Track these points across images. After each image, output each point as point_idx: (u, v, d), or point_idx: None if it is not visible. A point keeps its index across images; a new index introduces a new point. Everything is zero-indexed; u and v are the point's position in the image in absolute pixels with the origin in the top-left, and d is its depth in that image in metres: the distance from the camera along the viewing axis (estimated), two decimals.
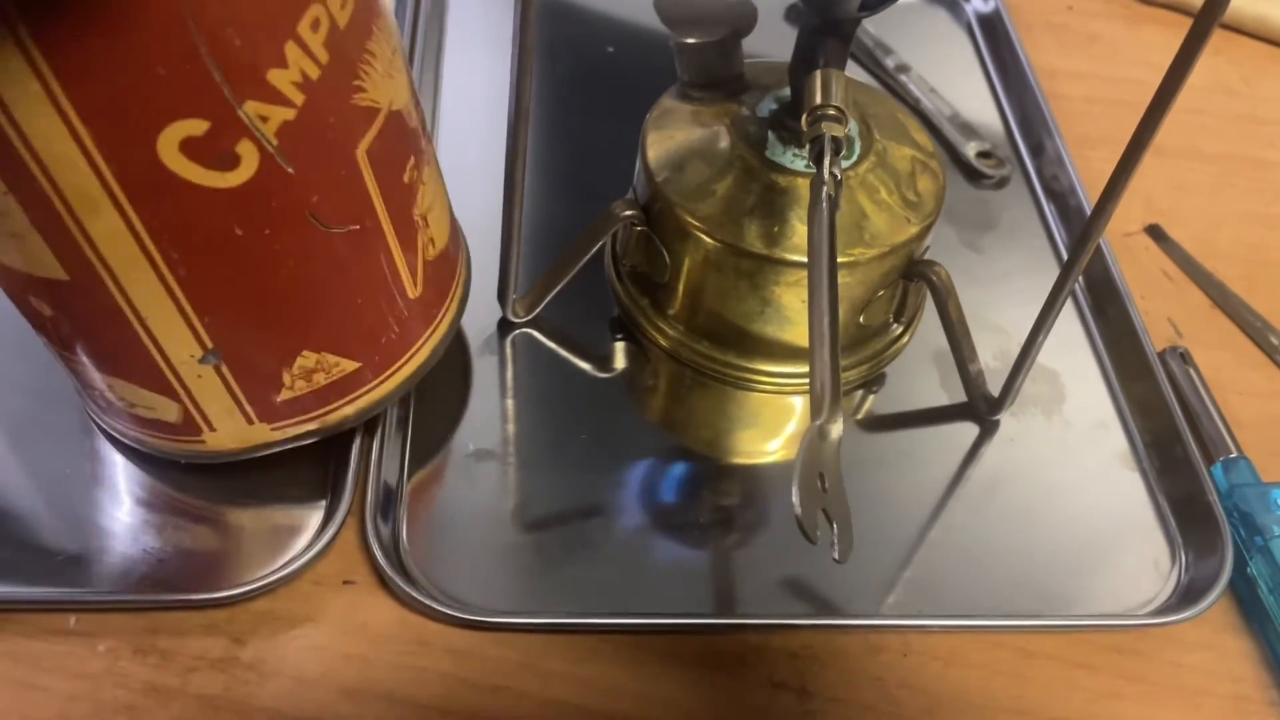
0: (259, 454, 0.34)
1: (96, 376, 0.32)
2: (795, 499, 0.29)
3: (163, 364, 0.31)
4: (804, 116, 0.36)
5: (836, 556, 0.30)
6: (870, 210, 0.39)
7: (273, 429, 0.34)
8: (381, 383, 0.35)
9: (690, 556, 0.38)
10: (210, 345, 0.30)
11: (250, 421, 0.33)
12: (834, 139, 0.35)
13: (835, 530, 0.30)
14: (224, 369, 0.31)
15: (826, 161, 0.34)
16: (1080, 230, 0.48)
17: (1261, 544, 0.37)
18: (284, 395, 0.33)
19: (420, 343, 0.35)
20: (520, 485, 0.39)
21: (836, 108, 0.35)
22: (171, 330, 0.30)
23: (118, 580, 0.34)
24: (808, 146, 0.36)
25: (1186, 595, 0.37)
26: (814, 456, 0.30)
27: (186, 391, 0.32)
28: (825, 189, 0.34)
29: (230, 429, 0.33)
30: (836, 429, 0.31)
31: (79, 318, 0.30)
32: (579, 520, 0.38)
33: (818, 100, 0.36)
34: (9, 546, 0.35)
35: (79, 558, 0.35)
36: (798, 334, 0.41)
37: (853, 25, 0.37)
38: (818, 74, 0.36)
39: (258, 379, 0.32)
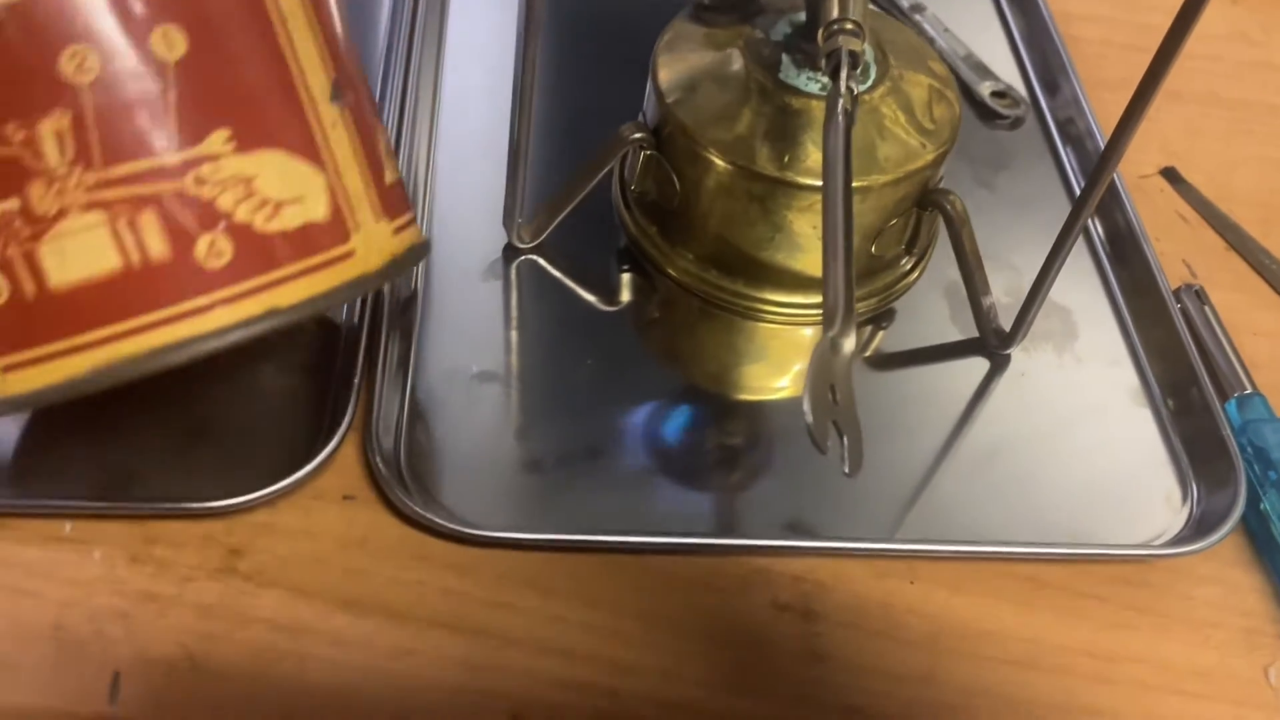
0: (387, 277, 0.32)
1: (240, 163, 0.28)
2: (806, 408, 0.29)
3: (307, 103, 0.28)
4: (820, 31, 0.35)
5: (846, 469, 0.30)
6: (885, 136, 0.38)
7: (394, 229, 0.31)
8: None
9: (694, 484, 0.37)
10: (334, 74, 0.28)
11: (376, 215, 0.31)
12: (851, 53, 0.34)
13: (845, 443, 0.30)
14: (349, 117, 0.29)
15: (843, 75, 0.34)
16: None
17: (1275, 479, 0.37)
18: (388, 177, 0.31)
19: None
20: (524, 409, 0.38)
21: (854, 21, 0.35)
22: (308, 49, 0.28)
23: (114, 488, 0.33)
24: (824, 61, 0.35)
25: (1198, 529, 0.37)
26: (825, 368, 0.30)
27: (329, 151, 0.29)
28: (841, 102, 0.33)
29: (368, 226, 0.31)
30: (849, 342, 0.31)
31: (217, 30, 0.27)
32: (583, 445, 0.38)
33: (834, 14, 0.35)
34: (3, 454, 0.34)
35: (73, 463, 0.34)
36: (808, 262, 0.40)
37: None
38: None
39: (369, 138, 0.30)
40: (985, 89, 0.51)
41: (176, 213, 0.27)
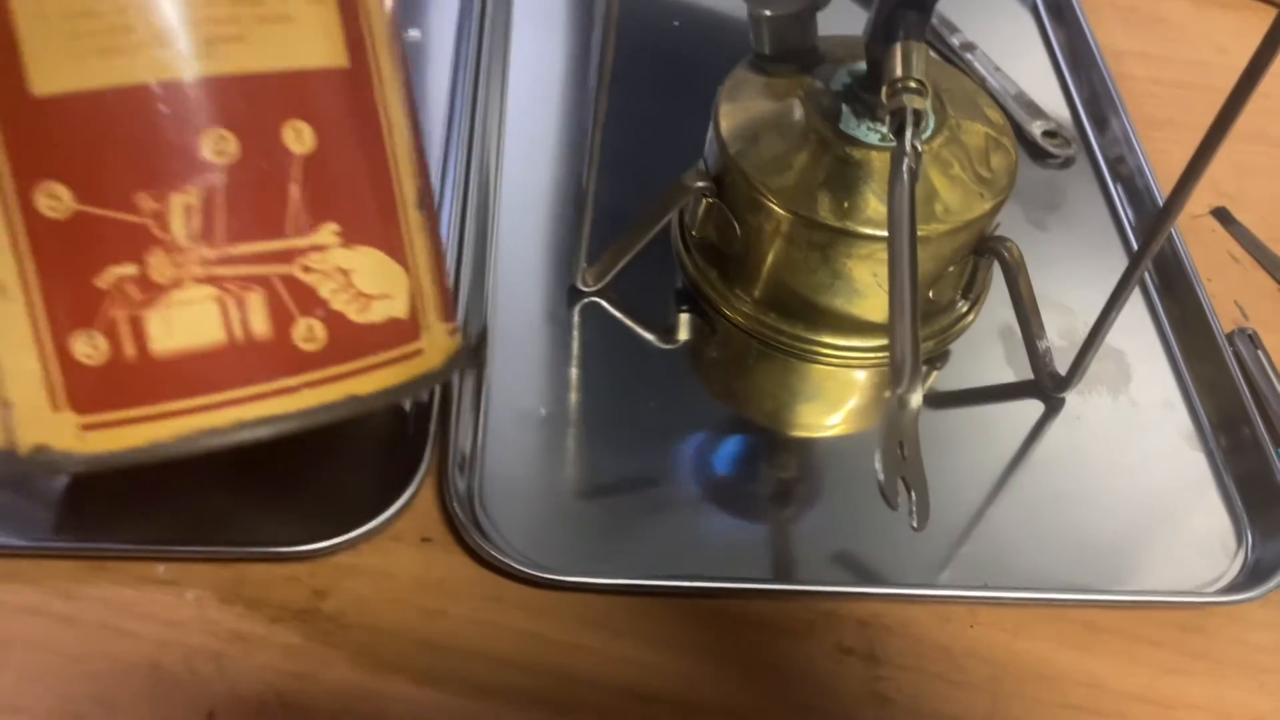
0: (444, 376, 0.33)
1: (341, 255, 0.30)
2: (878, 466, 0.30)
3: (400, 207, 0.30)
4: (884, 89, 0.36)
5: (914, 524, 0.31)
6: (944, 185, 0.39)
7: (448, 331, 0.33)
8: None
9: (757, 523, 0.38)
10: (420, 183, 0.30)
11: (439, 317, 0.32)
12: (915, 111, 0.35)
13: (913, 498, 0.31)
14: (427, 225, 0.31)
15: (908, 134, 0.35)
16: (1148, 213, 0.49)
17: None
18: (448, 283, 0.32)
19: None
20: (590, 450, 0.39)
21: (918, 80, 0.36)
22: (406, 158, 0.30)
23: (204, 531, 0.35)
24: (888, 119, 0.36)
25: (1253, 574, 0.37)
26: (894, 425, 0.31)
27: (413, 254, 0.31)
28: (906, 161, 0.34)
29: (434, 326, 0.32)
30: (916, 398, 0.32)
31: (341, 130, 0.29)
32: (647, 485, 0.39)
33: (898, 72, 0.36)
34: (100, 499, 0.35)
35: (164, 508, 0.35)
36: (866, 307, 0.41)
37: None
38: (898, 46, 0.36)
39: (438, 247, 0.32)
40: (1037, 128, 0.51)
41: (282, 295, 0.28)
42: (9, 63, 0.24)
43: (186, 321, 0.27)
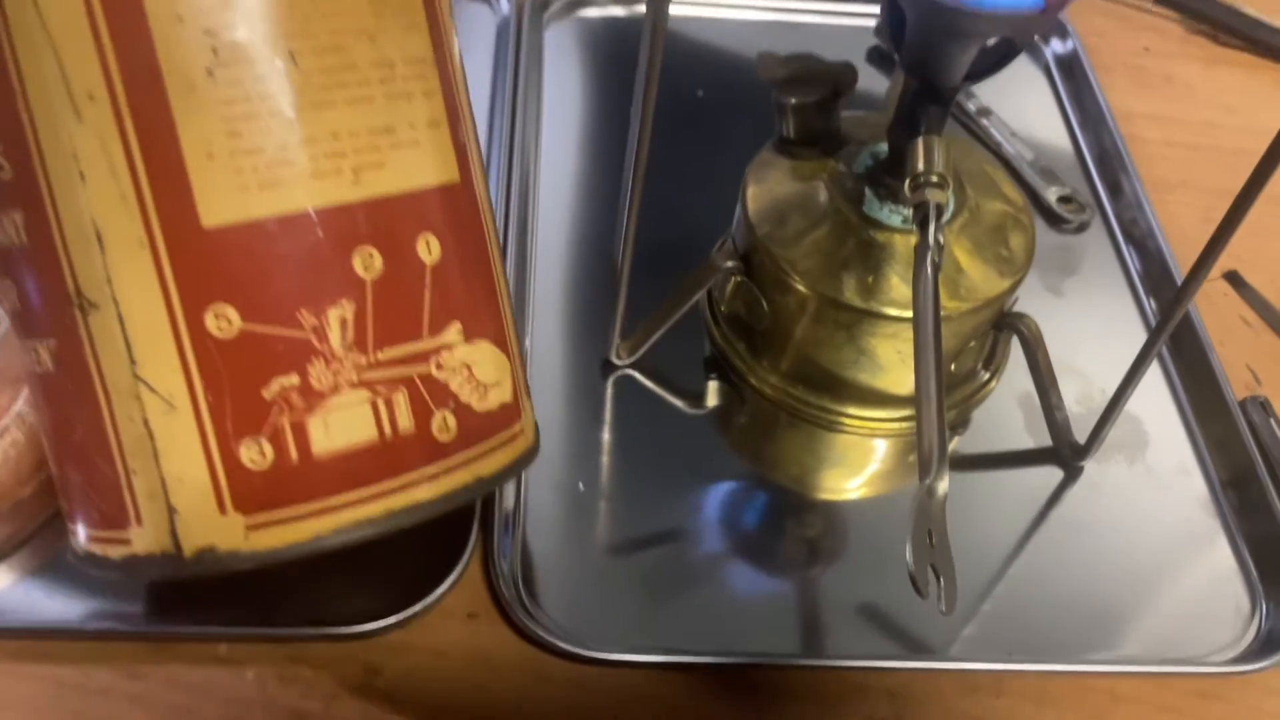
0: (538, 451, 0.37)
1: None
2: (909, 557, 0.31)
3: (502, 301, 0.34)
4: (907, 182, 0.38)
5: (943, 609, 0.32)
6: (964, 265, 0.41)
7: (531, 408, 0.37)
8: None
9: (786, 589, 0.40)
10: (506, 275, 0.36)
11: (527, 395, 0.36)
12: (938, 205, 0.37)
13: (942, 584, 0.32)
14: (511, 303, 0.36)
15: (931, 229, 0.36)
16: (1161, 277, 0.50)
17: None
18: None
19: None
20: (625, 521, 0.41)
21: (940, 174, 0.37)
22: (498, 256, 0.34)
23: (263, 612, 0.37)
24: (911, 211, 0.37)
25: (1268, 643, 0.39)
26: (923, 514, 0.32)
27: (513, 342, 0.34)
28: (930, 255, 0.36)
29: (527, 407, 0.36)
30: (943, 486, 0.33)
31: (459, 237, 0.32)
32: (681, 553, 0.41)
33: (920, 167, 0.37)
34: (165, 583, 0.37)
35: (224, 590, 0.37)
36: (890, 381, 0.43)
37: (953, 92, 0.39)
38: (920, 141, 0.38)
39: (516, 328, 0.36)
40: (1052, 195, 0.53)
41: (422, 392, 0.31)
42: (181, 199, 0.27)
43: (343, 424, 0.30)
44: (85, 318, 0.28)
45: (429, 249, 0.31)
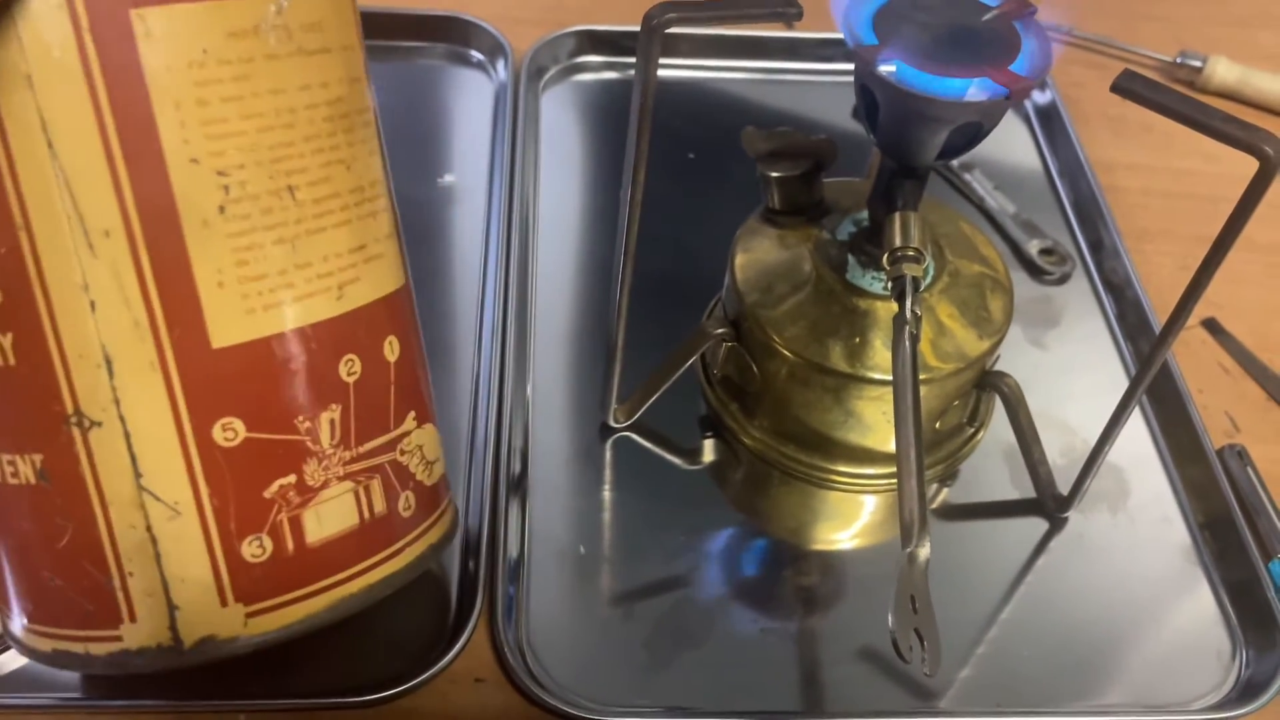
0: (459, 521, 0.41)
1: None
2: (891, 624, 0.33)
3: (426, 378, 0.37)
4: (885, 256, 0.39)
5: (927, 672, 0.34)
6: (945, 328, 0.43)
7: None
8: None
9: (786, 641, 0.41)
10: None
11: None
12: (914, 279, 0.38)
13: (925, 648, 0.34)
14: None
15: (908, 302, 0.38)
16: (1139, 326, 0.52)
17: None
18: None
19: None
20: (628, 582, 0.43)
21: (915, 249, 0.39)
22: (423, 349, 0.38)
23: (279, 680, 0.38)
24: (890, 284, 0.39)
25: (1247, 689, 0.40)
26: (906, 581, 0.34)
27: (435, 414, 0.38)
28: (908, 328, 0.37)
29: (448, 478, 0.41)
30: (924, 553, 0.35)
31: (409, 335, 0.35)
32: (682, 613, 0.42)
33: (897, 242, 0.39)
34: None
35: (242, 660, 0.39)
36: (877, 439, 0.44)
37: (927, 170, 0.41)
38: (897, 217, 0.39)
39: None
40: (1034, 247, 0.55)
41: (391, 476, 0.34)
42: (194, 324, 0.29)
43: (332, 513, 0.33)
44: (85, 435, 0.30)
45: (392, 348, 0.34)
